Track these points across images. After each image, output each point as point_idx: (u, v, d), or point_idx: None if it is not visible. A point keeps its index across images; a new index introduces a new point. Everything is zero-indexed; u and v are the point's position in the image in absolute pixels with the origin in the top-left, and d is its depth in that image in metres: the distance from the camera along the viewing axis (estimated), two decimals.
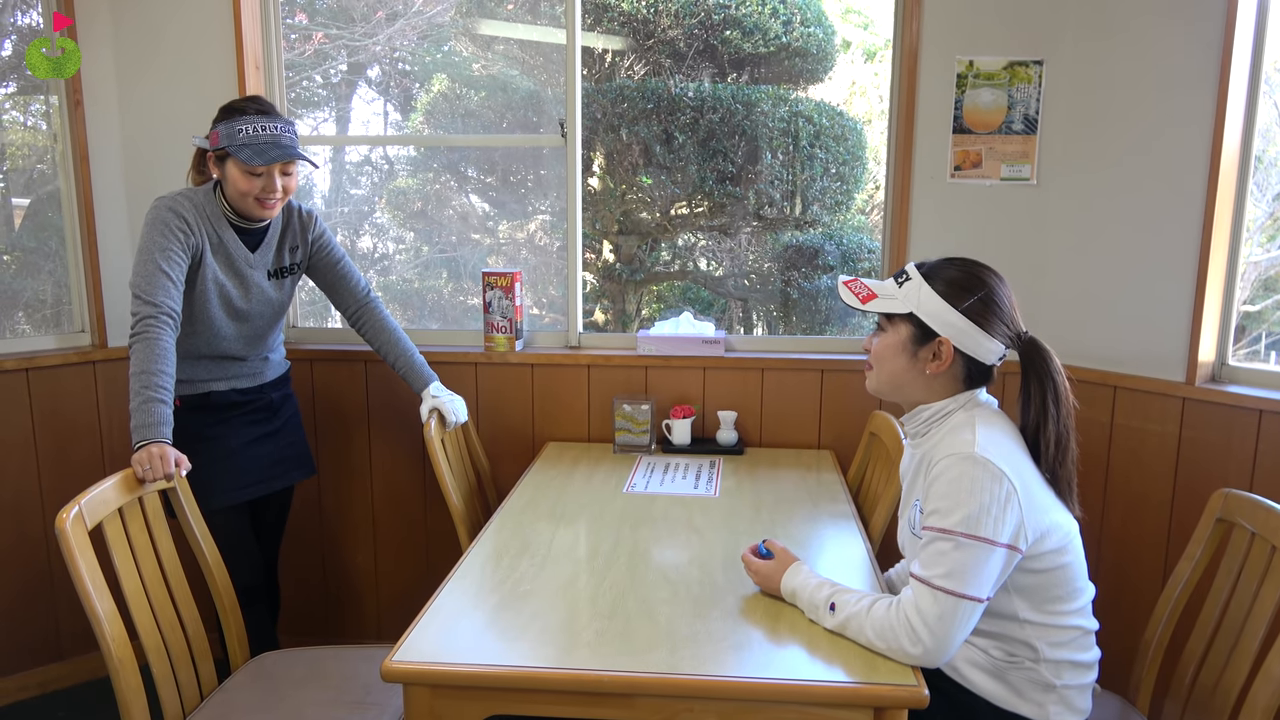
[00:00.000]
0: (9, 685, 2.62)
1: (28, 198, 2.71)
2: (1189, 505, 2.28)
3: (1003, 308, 1.46)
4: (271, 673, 1.88)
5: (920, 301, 1.47)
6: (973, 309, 1.44)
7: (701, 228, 4.28)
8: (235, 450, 2.17)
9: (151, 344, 1.87)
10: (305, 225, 2.22)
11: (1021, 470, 1.39)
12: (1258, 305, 3.86)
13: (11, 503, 2.57)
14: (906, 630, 1.33)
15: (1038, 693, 1.45)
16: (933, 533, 1.36)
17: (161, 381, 1.85)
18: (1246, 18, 2.13)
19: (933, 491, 1.39)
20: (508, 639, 1.43)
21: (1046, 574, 1.43)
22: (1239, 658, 1.55)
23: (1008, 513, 1.34)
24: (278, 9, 2.70)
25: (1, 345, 2.56)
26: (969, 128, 2.50)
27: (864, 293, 1.53)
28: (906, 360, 1.50)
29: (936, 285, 1.47)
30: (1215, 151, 2.18)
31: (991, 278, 1.48)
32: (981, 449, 1.36)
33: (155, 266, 1.93)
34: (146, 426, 1.81)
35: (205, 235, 2.04)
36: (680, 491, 2.22)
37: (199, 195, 2.06)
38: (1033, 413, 1.46)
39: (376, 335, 2.33)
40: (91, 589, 1.50)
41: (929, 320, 1.46)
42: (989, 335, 1.45)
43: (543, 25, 3.71)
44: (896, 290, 1.50)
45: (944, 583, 1.33)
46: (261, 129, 1.98)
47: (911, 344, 1.49)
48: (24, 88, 2.66)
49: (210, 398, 2.14)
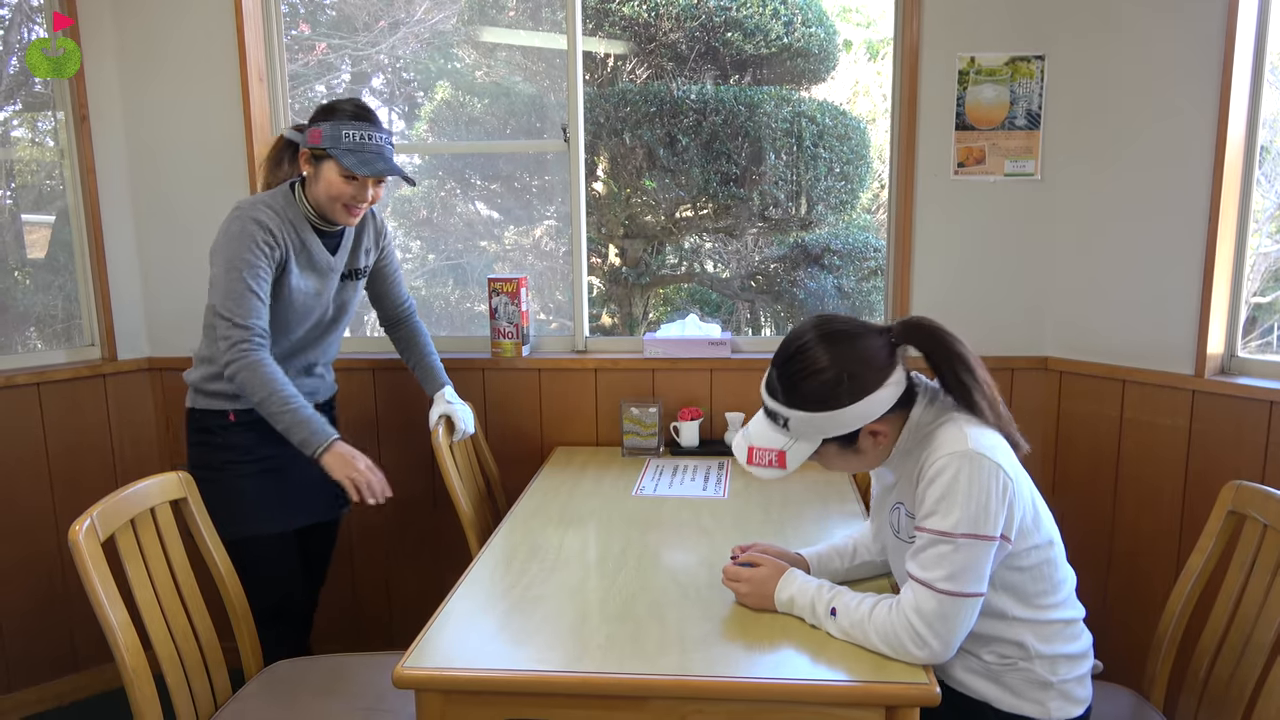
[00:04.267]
0: (27, 698, 2.63)
1: (36, 214, 2.73)
2: (1200, 498, 2.27)
3: (864, 359, 1.39)
4: (285, 681, 1.89)
5: (818, 428, 1.40)
6: (852, 391, 1.38)
7: (706, 230, 4.28)
8: (285, 469, 2.07)
9: (259, 368, 1.88)
10: (379, 230, 2.24)
11: (1013, 463, 1.39)
12: (1268, 296, 3.83)
13: (24, 516, 2.59)
14: (910, 633, 1.33)
15: (1036, 691, 1.44)
16: (931, 535, 1.35)
17: (291, 392, 1.89)
18: (1249, 7, 2.12)
19: (929, 493, 1.36)
20: (519, 644, 1.43)
21: (1033, 569, 1.43)
22: (1253, 650, 1.54)
23: (1004, 505, 1.34)
24: (280, 20, 2.72)
25: (13, 360, 2.58)
26: (972, 124, 2.50)
27: (771, 458, 1.45)
28: (855, 456, 1.46)
29: (813, 407, 1.39)
30: (1220, 142, 2.17)
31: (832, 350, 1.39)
32: (975, 444, 1.35)
33: (244, 286, 1.88)
34: (313, 434, 1.87)
35: (289, 242, 1.98)
36: (689, 494, 2.22)
37: (278, 200, 2.00)
38: (956, 372, 1.40)
39: (408, 341, 2.37)
40: (105, 600, 1.51)
41: (838, 431, 1.41)
42: (881, 385, 1.39)
43: (544, 31, 3.72)
44: (789, 436, 1.43)
45: (946, 585, 1.32)
46: (367, 138, 1.95)
47: (843, 449, 1.44)
48: (30, 104, 2.68)
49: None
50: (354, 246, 2.16)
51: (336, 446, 1.89)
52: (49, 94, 2.62)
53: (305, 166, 1.99)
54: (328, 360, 2.24)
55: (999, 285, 2.57)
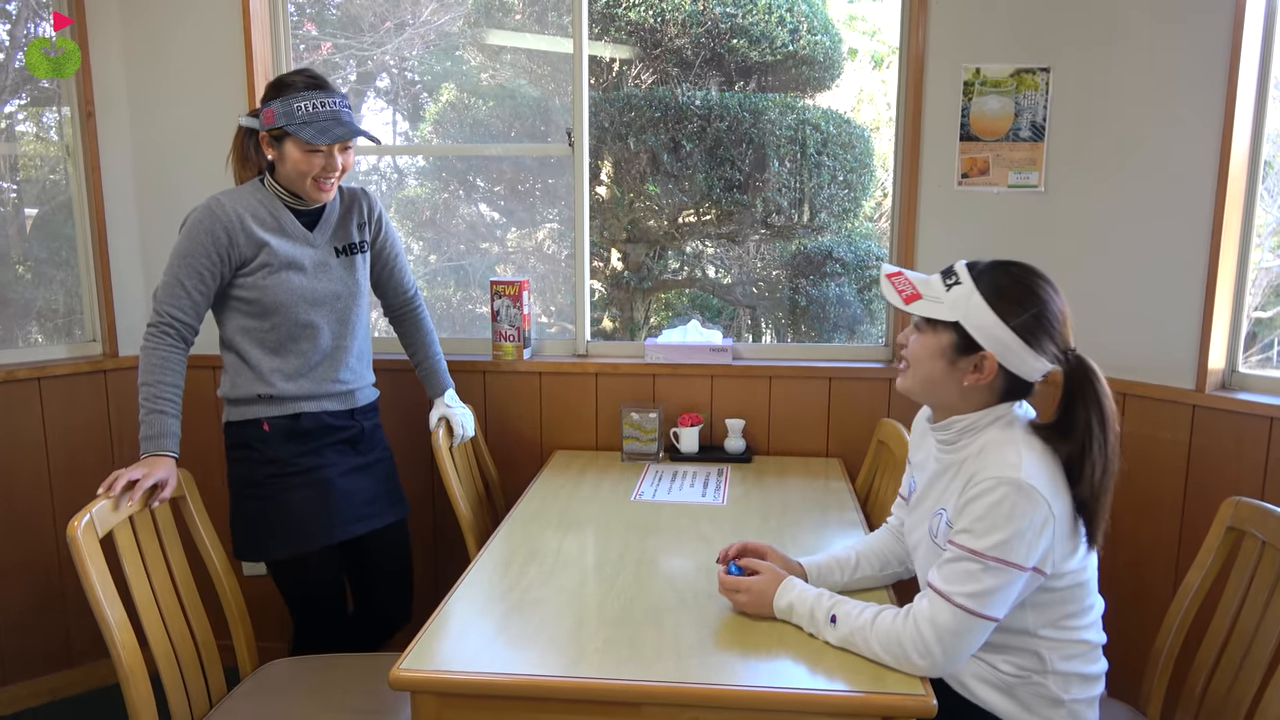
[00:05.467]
0: (20, 692, 2.63)
1: (39, 207, 2.73)
2: (1199, 513, 2.26)
3: (1054, 325, 1.38)
4: (280, 680, 1.89)
5: (968, 311, 1.38)
6: (1024, 325, 1.36)
7: (709, 235, 4.28)
8: (330, 481, 2.02)
9: (150, 354, 1.88)
10: (371, 207, 2.14)
11: (1060, 494, 1.35)
12: (1269, 312, 3.83)
13: (23, 511, 2.58)
14: (915, 642, 1.32)
15: (1046, 708, 1.43)
16: (961, 551, 1.33)
17: (163, 393, 1.86)
18: (1254, 22, 2.13)
19: (969, 510, 1.34)
20: (515, 647, 1.43)
21: (1063, 591, 1.41)
22: (1250, 667, 1.54)
23: (1041, 538, 1.31)
24: (287, 19, 2.72)
25: (14, 354, 2.58)
26: (976, 135, 2.50)
27: (908, 291, 1.43)
28: (944, 367, 1.42)
29: (987, 295, 1.37)
30: (1224, 157, 2.17)
31: (1046, 290, 1.40)
32: (1028, 475, 1.31)
33: (174, 277, 1.89)
34: (151, 439, 1.83)
35: (256, 229, 1.92)
36: (688, 500, 2.22)
37: (246, 192, 1.97)
38: (1077, 436, 1.37)
39: (411, 335, 2.32)
40: (102, 596, 1.51)
41: (975, 333, 1.38)
42: (1036, 354, 1.37)
43: (550, 35, 3.73)
44: (944, 293, 1.41)
45: (966, 601, 1.31)
46: (320, 105, 1.88)
47: (952, 351, 1.40)
48: (36, 99, 2.69)
49: (300, 420, 2.00)
50: (341, 221, 2.07)
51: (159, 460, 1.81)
52: (55, 89, 2.63)
53: (268, 150, 1.94)
54: (355, 350, 2.10)
55: None
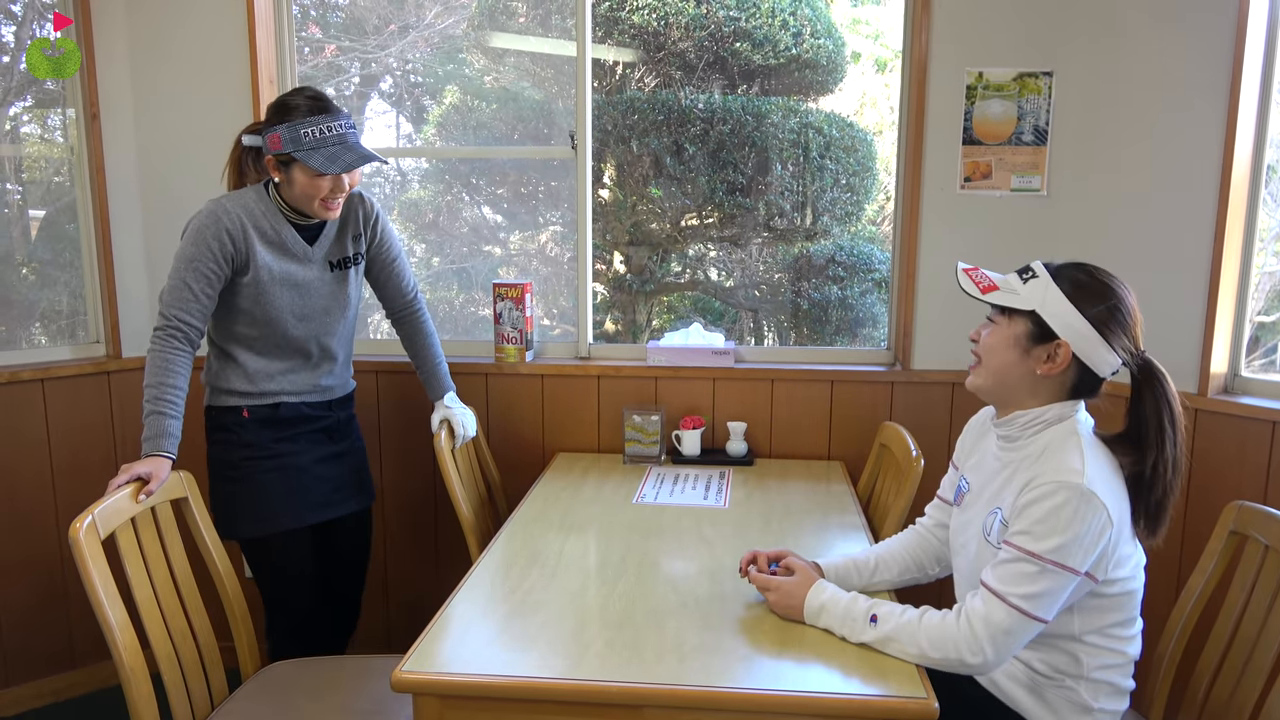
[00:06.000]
0: (23, 693, 2.63)
1: (44, 209, 2.74)
2: (1202, 517, 2.26)
3: (1128, 321, 1.41)
4: (282, 682, 1.89)
5: (1045, 301, 1.41)
6: (1099, 316, 1.40)
7: (712, 239, 4.28)
8: (303, 469, 2.09)
9: (156, 356, 1.89)
10: (368, 215, 2.14)
11: (1120, 502, 1.37)
12: (1272, 316, 3.83)
13: (26, 511, 2.59)
14: (969, 640, 1.32)
15: (1074, 713, 1.43)
16: (1018, 552, 1.33)
17: (166, 395, 1.87)
18: (1257, 27, 2.13)
19: (1029, 512, 1.34)
20: (517, 649, 1.43)
21: (1112, 599, 1.41)
22: (1253, 672, 1.54)
23: (1099, 544, 1.32)
24: (291, 22, 2.73)
25: (17, 355, 2.59)
26: (979, 139, 2.50)
27: (985, 282, 1.48)
28: (1018, 356, 1.44)
29: (1064, 286, 1.41)
30: (1226, 161, 2.17)
31: (1121, 288, 1.43)
32: (1090, 481, 1.32)
33: (181, 280, 1.91)
34: (149, 439, 1.84)
35: (256, 240, 1.95)
36: (690, 502, 2.22)
37: (249, 198, 1.98)
38: (1149, 436, 1.39)
39: (412, 338, 2.32)
40: (104, 598, 1.51)
41: (1051, 320, 1.40)
42: (1110, 347, 1.40)
43: (554, 38, 3.73)
44: (1020, 285, 1.45)
45: (1021, 603, 1.32)
46: (327, 130, 1.88)
47: (1027, 340, 1.43)
48: (41, 101, 2.70)
49: (280, 410, 2.07)
50: (338, 235, 2.10)
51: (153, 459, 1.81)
52: (60, 91, 2.64)
53: (275, 173, 1.95)
54: (334, 360, 2.16)
55: None
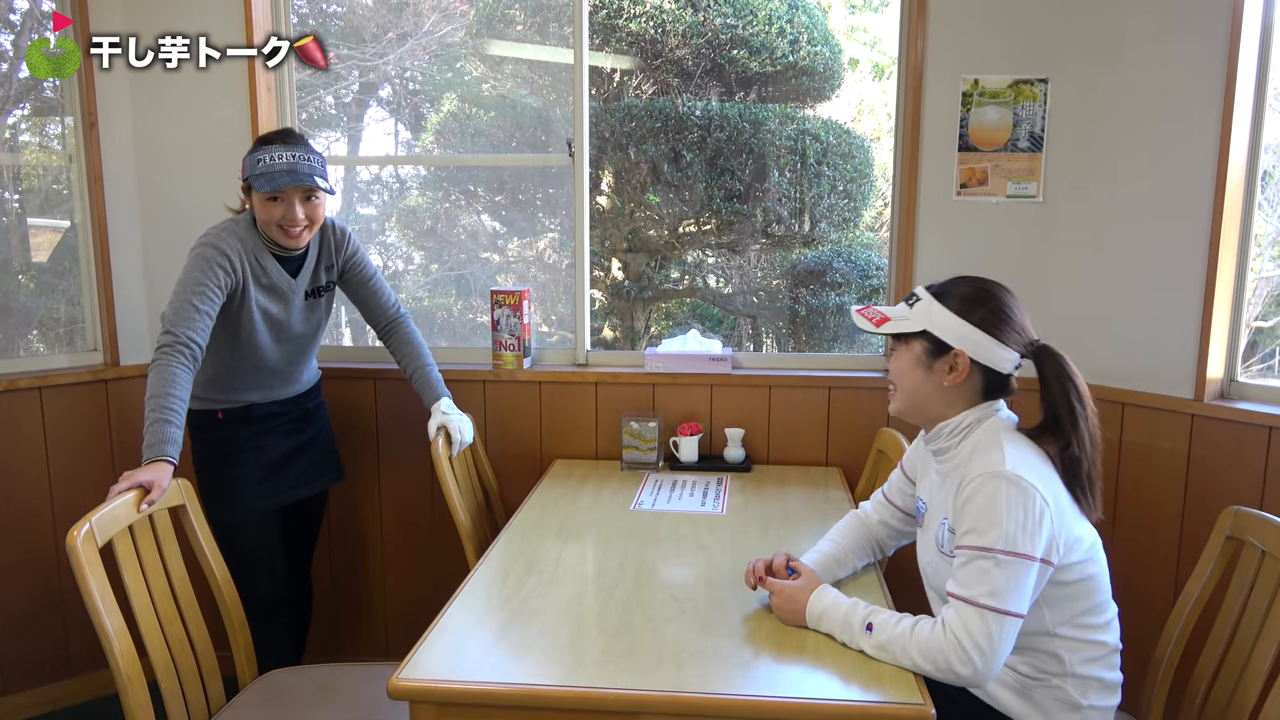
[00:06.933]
0: (21, 702, 2.63)
1: (43, 218, 2.74)
2: (1199, 522, 2.26)
3: (1013, 317, 1.50)
4: (279, 690, 1.88)
5: (932, 318, 1.50)
6: (984, 320, 1.48)
7: (710, 245, 4.29)
8: (275, 460, 2.23)
9: (162, 369, 1.92)
10: (339, 244, 2.26)
11: (1051, 484, 1.41)
12: (1269, 321, 3.84)
13: (23, 519, 2.59)
14: (956, 651, 1.33)
15: (1063, 712, 1.45)
16: (971, 551, 1.37)
17: (170, 404, 1.89)
18: (1251, 34, 2.14)
19: (967, 511, 1.40)
20: (514, 657, 1.43)
21: (1074, 585, 1.45)
22: (1251, 676, 1.54)
23: (1042, 527, 1.36)
24: (290, 30, 2.73)
25: (15, 363, 2.59)
26: (975, 145, 2.51)
27: (877, 317, 1.57)
28: (923, 374, 1.52)
29: (948, 302, 1.50)
30: (1221, 166, 2.18)
31: (1000, 290, 1.52)
32: (1012, 466, 1.38)
33: (186, 301, 1.97)
34: (152, 446, 1.85)
35: (248, 268, 2.07)
36: (687, 509, 2.22)
37: (241, 228, 2.09)
38: (1062, 415, 1.47)
39: (401, 349, 2.38)
40: (101, 606, 1.51)
41: (942, 335, 1.49)
42: (1002, 344, 1.48)
43: (551, 45, 3.75)
44: (908, 311, 1.54)
45: (989, 600, 1.33)
46: (278, 157, 2.01)
47: (926, 357, 1.51)
48: (39, 109, 2.70)
49: (252, 410, 2.20)
50: (315, 265, 2.22)
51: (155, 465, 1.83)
52: (58, 99, 2.64)
53: (245, 200, 2.11)
54: (305, 365, 2.32)
55: None
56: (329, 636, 2.88)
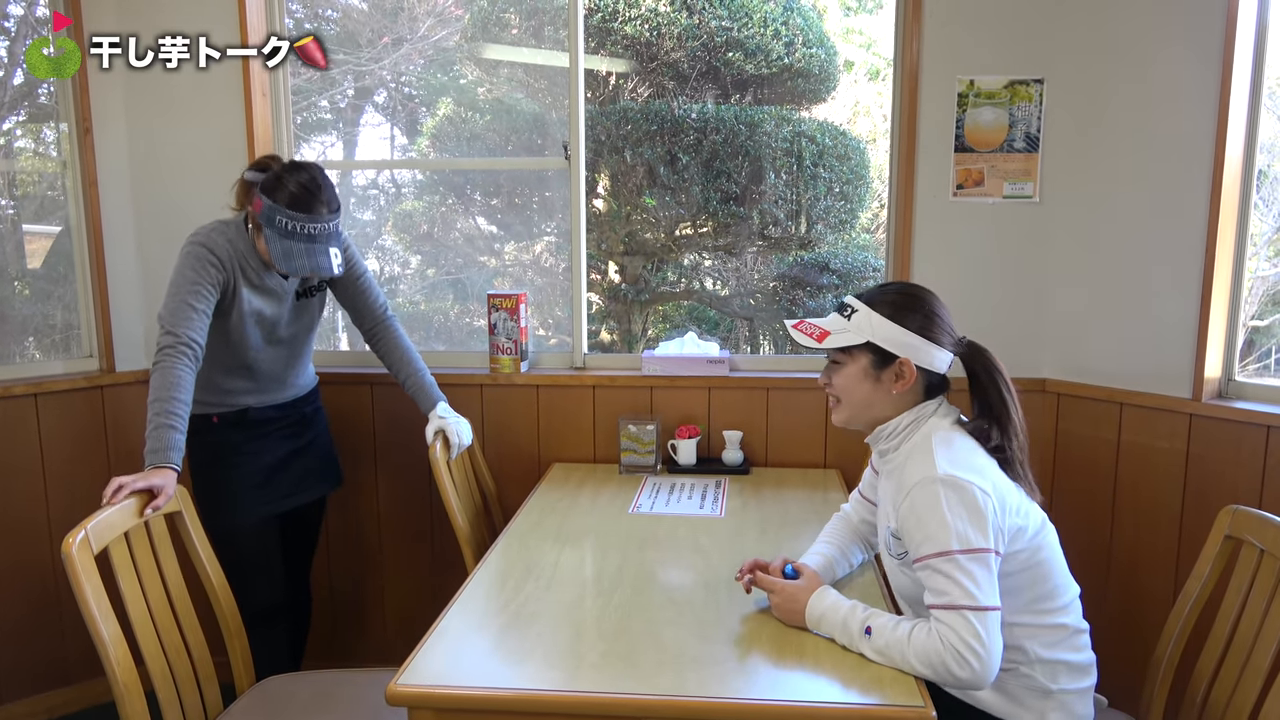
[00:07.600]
0: (17, 711, 2.61)
1: (38, 224, 2.73)
2: (1198, 522, 2.26)
3: (943, 318, 1.56)
4: (276, 697, 1.88)
5: (874, 329, 1.53)
6: (921, 325, 1.52)
7: (706, 248, 4.30)
8: (272, 465, 2.21)
9: (166, 372, 1.90)
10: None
11: (987, 473, 1.44)
12: (1266, 320, 3.84)
13: (18, 526, 2.58)
14: (953, 655, 1.33)
15: (1036, 699, 1.46)
16: (933, 560, 1.38)
17: (174, 409, 1.87)
18: (1246, 34, 2.14)
19: (911, 522, 1.42)
20: (513, 661, 1.42)
21: (1024, 573, 1.46)
22: (1250, 675, 1.53)
23: (986, 519, 1.38)
24: (285, 34, 2.72)
25: (10, 370, 2.58)
26: (971, 146, 2.51)
27: (815, 332, 1.58)
28: (872, 385, 1.55)
29: (883, 310, 1.53)
30: (1217, 166, 2.18)
31: (926, 293, 1.58)
32: (944, 468, 1.41)
33: (182, 300, 1.96)
34: (156, 451, 1.84)
35: (238, 268, 2.05)
36: (686, 512, 2.21)
37: (232, 229, 2.08)
38: (993, 405, 1.52)
39: (390, 353, 2.35)
40: (97, 613, 1.51)
41: (887, 345, 1.52)
42: (939, 346, 1.53)
43: (546, 49, 3.75)
44: (846, 324, 1.56)
45: (965, 601, 1.34)
46: (300, 227, 1.96)
47: (873, 368, 1.54)
48: (34, 115, 2.70)
49: (248, 414, 2.18)
50: None
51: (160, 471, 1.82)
52: (53, 105, 2.64)
53: (253, 222, 2.06)
54: (300, 368, 2.29)
55: (997, 306, 2.57)
56: (328, 642, 2.88)
